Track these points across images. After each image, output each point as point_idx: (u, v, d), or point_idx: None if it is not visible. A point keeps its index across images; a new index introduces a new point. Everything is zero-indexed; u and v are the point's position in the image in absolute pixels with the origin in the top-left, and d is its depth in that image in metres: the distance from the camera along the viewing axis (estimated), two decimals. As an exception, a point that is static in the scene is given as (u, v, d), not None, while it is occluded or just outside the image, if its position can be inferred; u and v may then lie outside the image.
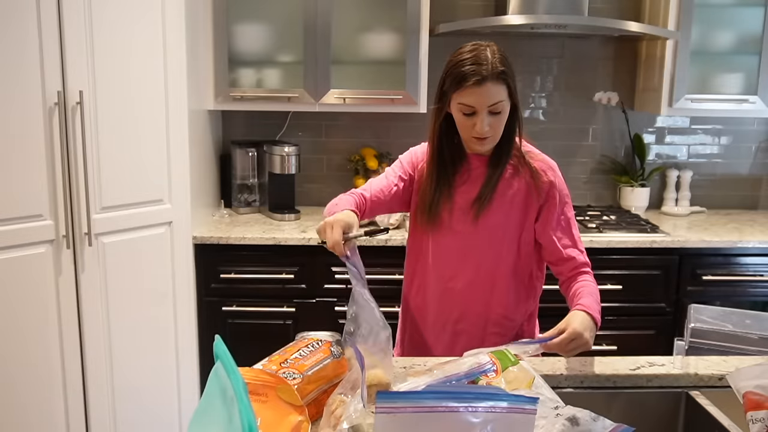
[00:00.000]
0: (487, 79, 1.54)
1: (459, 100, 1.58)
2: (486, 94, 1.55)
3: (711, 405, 1.44)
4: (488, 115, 1.57)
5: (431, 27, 2.93)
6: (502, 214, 1.67)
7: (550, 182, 1.69)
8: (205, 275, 2.75)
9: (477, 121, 1.58)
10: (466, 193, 1.69)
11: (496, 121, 1.59)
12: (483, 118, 1.57)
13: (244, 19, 2.88)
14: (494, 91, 1.55)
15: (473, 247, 1.69)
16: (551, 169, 1.71)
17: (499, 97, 1.56)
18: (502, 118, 1.59)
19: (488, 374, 1.31)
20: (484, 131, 1.58)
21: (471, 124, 1.59)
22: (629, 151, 3.36)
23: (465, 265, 1.70)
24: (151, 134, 2.42)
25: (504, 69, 1.56)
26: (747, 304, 2.84)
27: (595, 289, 1.66)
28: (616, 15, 3.22)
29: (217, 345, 0.98)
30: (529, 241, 1.70)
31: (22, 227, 2.14)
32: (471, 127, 1.59)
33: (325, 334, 1.55)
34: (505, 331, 1.74)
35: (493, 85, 1.55)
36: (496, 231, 1.68)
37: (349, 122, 3.28)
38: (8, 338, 2.16)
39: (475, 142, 1.63)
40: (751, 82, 2.99)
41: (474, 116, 1.58)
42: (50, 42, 2.11)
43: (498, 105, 1.57)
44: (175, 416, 2.64)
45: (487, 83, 1.54)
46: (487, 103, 1.56)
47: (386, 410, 0.90)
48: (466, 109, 1.58)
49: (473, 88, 1.54)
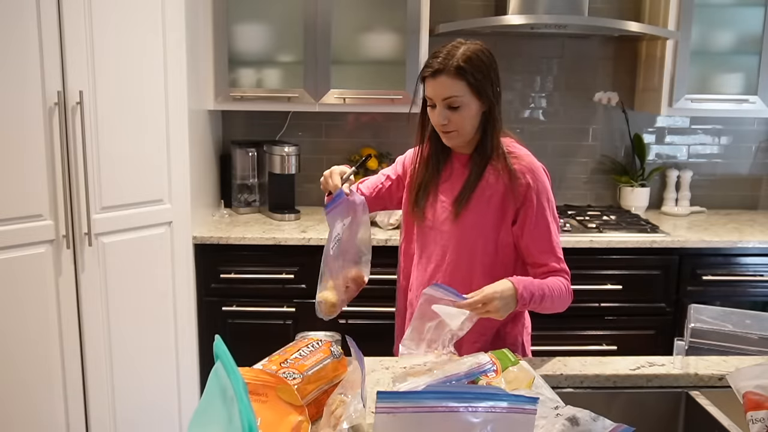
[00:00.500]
0: (441, 73, 1.59)
1: (425, 94, 1.65)
2: (439, 86, 1.60)
3: (711, 405, 1.44)
4: (445, 109, 1.61)
5: (431, 27, 2.93)
6: (477, 214, 1.67)
7: (527, 184, 1.64)
8: (205, 275, 2.75)
9: (436, 113, 1.63)
10: (448, 191, 1.72)
11: (456, 116, 1.62)
12: (439, 110, 1.62)
13: (244, 19, 2.88)
14: (448, 84, 1.59)
15: (451, 246, 1.71)
16: (532, 171, 1.66)
17: (453, 91, 1.59)
18: (462, 113, 1.62)
19: (488, 374, 1.31)
20: (440, 123, 1.63)
21: (434, 116, 1.65)
22: (629, 151, 3.36)
23: (444, 263, 1.73)
24: (151, 134, 2.42)
25: (463, 66, 1.58)
26: (747, 304, 2.84)
27: (554, 283, 1.61)
28: (616, 15, 3.22)
29: (217, 345, 0.98)
30: (507, 243, 1.68)
31: (22, 227, 2.14)
32: (435, 120, 1.66)
33: (325, 334, 1.55)
34: (483, 330, 1.69)
35: (448, 78, 1.59)
36: (471, 231, 1.68)
37: (349, 122, 3.28)
38: (8, 338, 2.15)
39: (442, 136, 1.68)
40: (751, 82, 2.99)
41: (435, 108, 1.64)
42: (50, 42, 2.11)
43: (453, 99, 1.60)
44: (175, 416, 2.64)
45: (441, 76, 1.59)
46: (440, 95, 1.60)
47: (386, 410, 0.90)
48: (428, 100, 1.65)
49: (429, 80, 1.61)
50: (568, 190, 3.38)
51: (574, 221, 3.01)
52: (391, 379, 1.44)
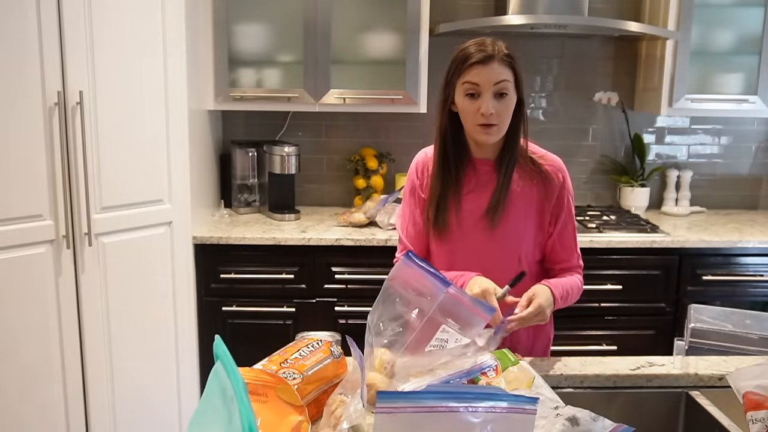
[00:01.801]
0: (494, 58, 1.54)
1: (464, 80, 1.56)
2: (492, 71, 1.54)
3: (711, 405, 1.44)
4: (493, 98, 1.55)
5: (431, 27, 2.93)
6: (516, 221, 1.65)
7: (561, 185, 1.67)
8: (205, 275, 2.75)
9: (482, 102, 1.55)
10: (475, 200, 1.65)
11: (502, 106, 1.56)
12: (488, 98, 1.55)
13: (244, 19, 2.88)
14: (500, 70, 1.55)
15: (491, 256, 1.65)
16: (561, 170, 1.69)
17: (504, 76, 1.55)
18: (507, 103, 1.57)
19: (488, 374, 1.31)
20: (489, 113, 1.55)
21: (476, 107, 1.56)
22: (629, 151, 3.36)
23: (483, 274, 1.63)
24: (151, 134, 2.42)
25: (510, 54, 1.57)
26: (747, 304, 2.84)
27: (573, 282, 1.67)
28: (616, 15, 3.22)
29: (217, 345, 0.98)
30: (543, 244, 1.70)
31: (22, 227, 2.14)
32: (475, 112, 1.56)
33: (325, 334, 1.55)
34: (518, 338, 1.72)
35: (499, 65, 1.55)
36: (513, 239, 1.65)
37: (349, 122, 3.28)
38: (8, 338, 2.15)
39: (479, 131, 1.58)
40: (751, 82, 2.99)
41: (479, 99, 1.56)
42: (50, 42, 2.11)
43: (503, 84, 1.55)
44: (175, 416, 2.64)
45: (494, 62, 1.54)
46: (492, 80, 1.54)
47: (386, 410, 0.90)
48: (471, 88, 1.55)
49: (478, 66, 1.54)
50: (568, 190, 3.37)
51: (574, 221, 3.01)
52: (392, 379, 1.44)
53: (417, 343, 1.31)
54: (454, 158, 1.65)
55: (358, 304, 2.78)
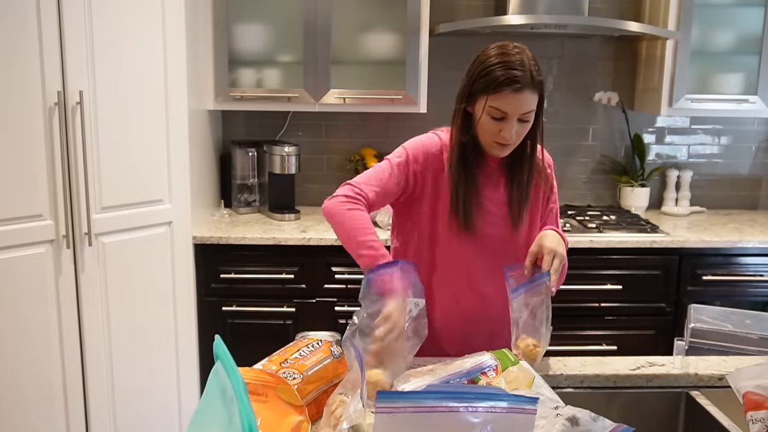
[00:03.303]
0: (526, 88, 1.51)
1: (492, 104, 1.53)
2: (522, 102, 1.52)
3: (711, 405, 1.44)
4: (517, 122, 1.55)
5: (431, 27, 2.93)
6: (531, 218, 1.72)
7: (552, 174, 1.76)
8: (205, 275, 2.75)
9: (505, 126, 1.54)
10: (492, 198, 1.67)
11: (522, 128, 1.57)
12: (512, 125, 1.54)
13: (244, 19, 2.88)
14: (530, 99, 1.53)
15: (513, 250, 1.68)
16: (547, 158, 1.76)
17: (532, 106, 1.55)
18: (528, 126, 1.58)
19: (488, 374, 1.31)
20: (511, 139, 1.56)
21: (497, 129, 1.55)
22: (629, 151, 3.36)
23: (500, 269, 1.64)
24: (151, 134, 2.42)
25: (541, 79, 1.55)
26: (747, 304, 2.84)
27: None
28: (616, 15, 3.22)
29: (217, 345, 0.98)
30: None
31: (22, 227, 2.14)
32: (496, 132, 1.56)
33: (325, 334, 1.55)
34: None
35: (530, 93, 1.52)
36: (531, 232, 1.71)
37: (349, 122, 3.28)
38: (8, 338, 2.15)
39: (495, 147, 1.60)
40: (751, 82, 2.99)
41: (502, 122, 1.54)
42: (50, 42, 2.11)
43: (530, 114, 1.55)
44: (175, 416, 2.64)
45: (526, 91, 1.51)
46: (520, 111, 1.53)
47: (386, 410, 0.90)
48: (496, 113, 1.54)
49: (511, 95, 1.51)
50: (568, 190, 3.37)
51: (574, 221, 3.01)
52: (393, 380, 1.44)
53: None
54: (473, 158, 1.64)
55: (358, 304, 2.77)
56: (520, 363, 1.39)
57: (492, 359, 1.35)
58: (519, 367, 1.37)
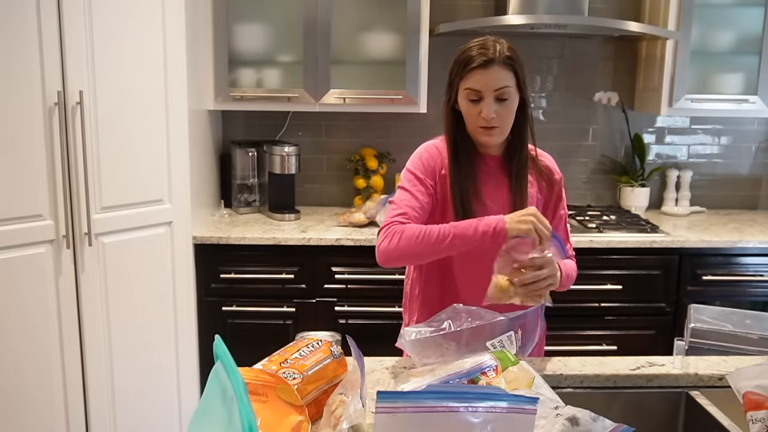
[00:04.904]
0: (494, 62, 1.55)
1: (465, 86, 1.58)
2: (493, 76, 1.55)
3: (711, 405, 1.44)
4: (494, 102, 1.57)
5: (431, 27, 2.93)
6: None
7: (559, 180, 1.76)
8: (205, 275, 2.75)
9: (483, 107, 1.57)
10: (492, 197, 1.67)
11: (503, 109, 1.58)
12: (489, 102, 1.56)
13: (244, 19, 2.88)
14: (501, 75, 1.56)
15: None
16: (555, 164, 1.78)
17: (505, 81, 1.56)
18: (509, 106, 1.59)
19: (488, 374, 1.31)
20: (490, 117, 1.57)
21: (477, 111, 1.58)
22: (629, 151, 3.36)
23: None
24: (151, 134, 2.42)
25: (511, 56, 1.57)
26: (747, 304, 2.84)
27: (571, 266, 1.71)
28: (616, 15, 3.22)
29: (217, 345, 0.98)
30: None
31: (22, 227, 2.14)
32: (477, 116, 1.59)
33: (325, 334, 1.55)
34: None
35: (500, 69, 1.55)
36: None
37: (349, 122, 3.28)
38: (8, 338, 2.16)
39: (482, 133, 1.61)
40: (751, 82, 2.99)
41: (480, 103, 1.58)
42: (50, 42, 2.11)
43: (505, 90, 1.57)
44: (175, 416, 2.64)
45: (494, 66, 1.55)
46: (493, 86, 1.56)
47: (386, 410, 0.90)
48: (472, 94, 1.58)
49: (479, 71, 1.55)
50: (568, 190, 3.32)
51: (574, 221, 3.01)
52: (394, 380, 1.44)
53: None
54: (465, 154, 1.66)
55: (358, 304, 2.78)
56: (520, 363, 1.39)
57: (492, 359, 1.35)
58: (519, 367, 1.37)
